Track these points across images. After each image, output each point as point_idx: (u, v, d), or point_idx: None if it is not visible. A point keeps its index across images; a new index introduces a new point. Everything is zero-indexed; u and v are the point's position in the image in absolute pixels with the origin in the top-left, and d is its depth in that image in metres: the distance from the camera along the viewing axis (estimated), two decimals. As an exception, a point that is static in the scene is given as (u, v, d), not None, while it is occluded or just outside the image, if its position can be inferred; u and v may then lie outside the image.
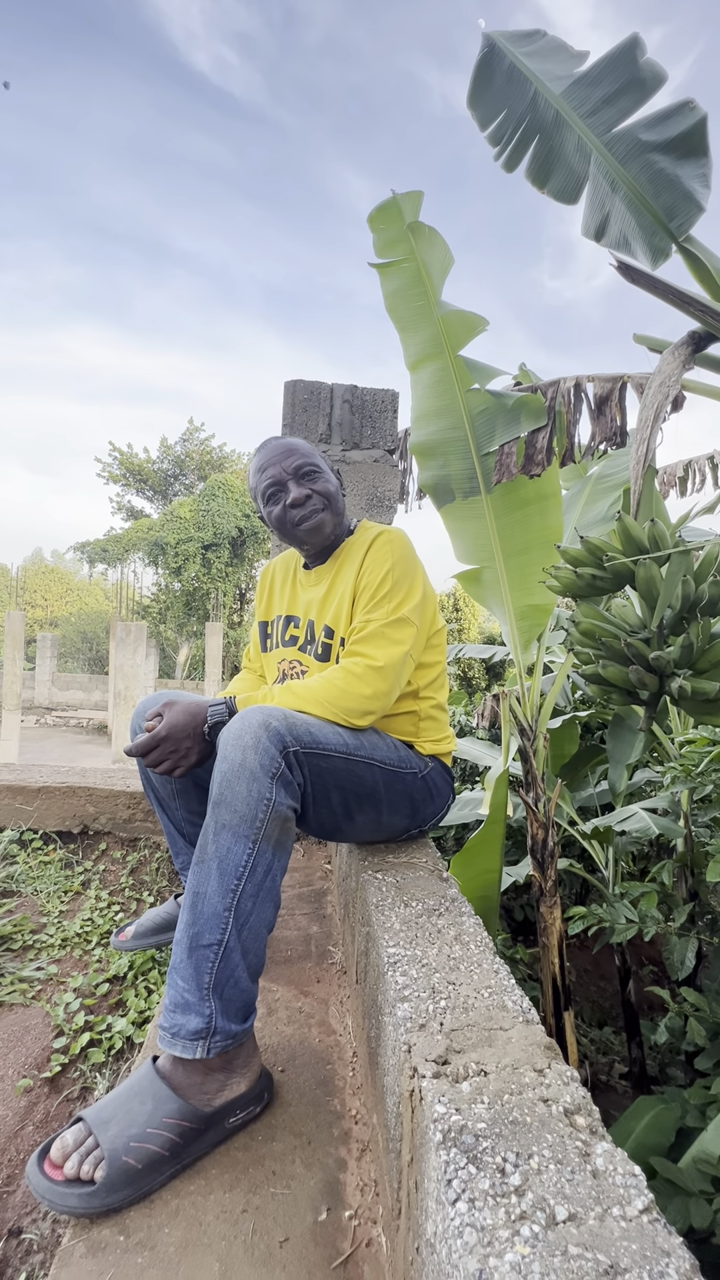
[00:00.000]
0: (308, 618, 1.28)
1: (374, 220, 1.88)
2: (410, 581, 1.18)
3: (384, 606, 1.14)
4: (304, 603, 1.31)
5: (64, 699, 16.69)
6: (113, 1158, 0.72)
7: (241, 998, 0.83)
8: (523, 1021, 0.65)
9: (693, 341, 1.14)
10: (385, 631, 1.12)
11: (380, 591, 1.15)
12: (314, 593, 1.29)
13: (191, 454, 22.87)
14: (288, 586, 1.38)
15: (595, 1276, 0.38)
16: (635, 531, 1.02)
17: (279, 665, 1.31)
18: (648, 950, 2.78)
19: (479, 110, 1.38)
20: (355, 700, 1.06)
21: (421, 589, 1.20)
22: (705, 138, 1.14)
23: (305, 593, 1.32)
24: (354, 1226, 0.70)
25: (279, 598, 1.39)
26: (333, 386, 2.21)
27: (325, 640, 1.22)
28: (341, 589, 1.22)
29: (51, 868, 1.78)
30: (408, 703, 1.22)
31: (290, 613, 1.34)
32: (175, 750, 0.99)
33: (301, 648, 1.27)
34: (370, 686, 1.07)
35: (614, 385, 1.58)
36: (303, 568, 1.36)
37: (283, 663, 1.30)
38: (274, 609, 1.40)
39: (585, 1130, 0.50)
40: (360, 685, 1.06)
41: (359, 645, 1.12)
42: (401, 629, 1.13)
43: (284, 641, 1.32)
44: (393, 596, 1.15)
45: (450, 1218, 0.44)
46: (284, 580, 1.40)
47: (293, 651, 1.29)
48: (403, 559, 1.19)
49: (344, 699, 1.05)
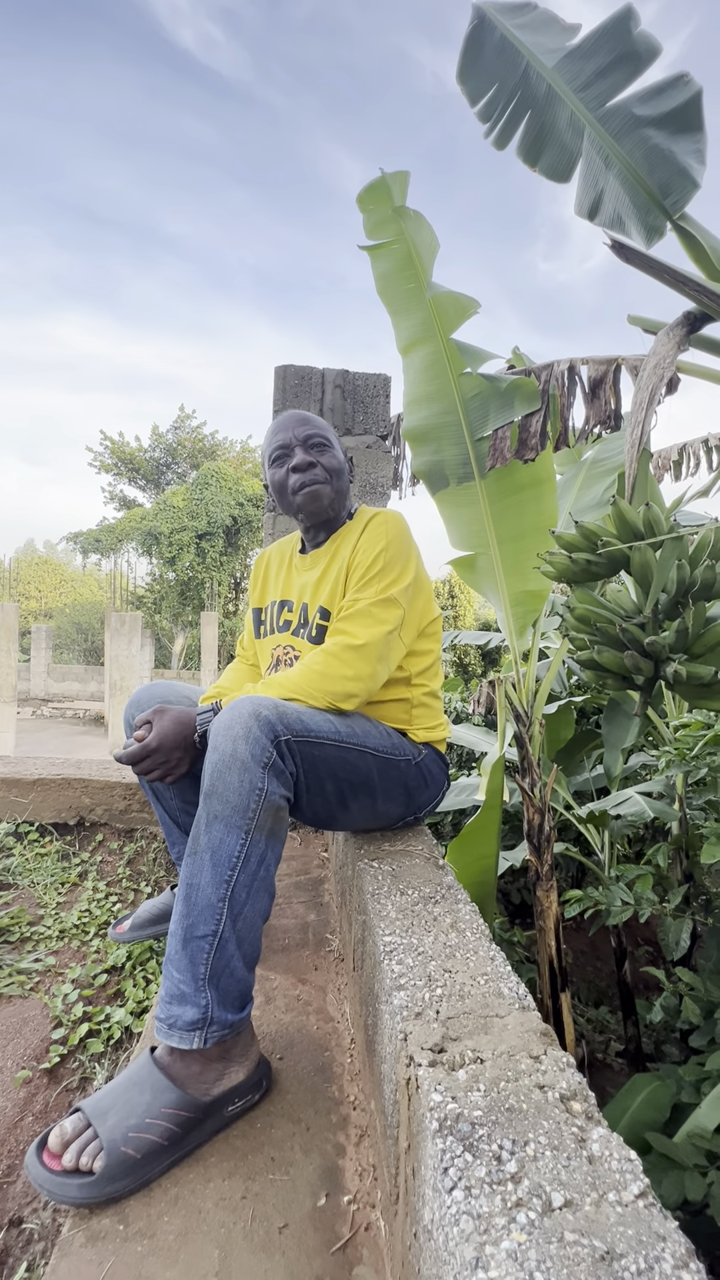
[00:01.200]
0: (302, 601, 1.27)
1: (363, 201, 1.85)
2: (403, 564, 1.17)
3: (373, 586, 1.13)
4: (299, 587, 1.30)
5: (60, 690, 16.65)
6: (111, 1148, 0.72)
7: (238, 988, 0.83)
8: (519, 1008, 0.65)
9: (688, 322, 1.12)
10: (371, 610, 1.11)
11: (371, 571, 1.14)
12: (309, 576, 1.27)
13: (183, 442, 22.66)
14: (283, 572, 1.37)
15: (591, 1262, 0.39)
16: (630, 516, 1.01)
17: (273, 651, 1.30)
18: (643, 931, 2.81)
19: (469, 85, 1.34)
20: (336, 682, 1.04)
21: (414, 572, 1.19)
22: (700, 112, 1.12)
23: (300, 577, 1.31)
24: (353, 1211, 0.71)
25: (273, 583, 1.38)
26: (324, 371, 2.18)
27: (320, 623, 1.20)
28: (336, 570, 1.21)
29: (48, 859, 1.77)
30: (399, 689, 1.21)
31: (285, 597, 1.32)
32: (165, 761, 1.00)
33: (295, 631, 1.26)
34: (351, 667, 1.06)
35: (608, 368, 1.56)
36: (299, 552, 1.35)
37: (277, 648, 1.29)
38: (268, 595, 1.38)
39: (581, 1116, 0.51)
40: (341, 666, 1.05)
41: (342, 623, 1.11)
42: (388, 609, 1.12)
43: (278, 627, 1.30)
44: (383, 576, 1.14)
45: (447, 1205, 0.44)
46: (279, 566, 1.39)
47: (286, 636, 1.27)
48: (396, 540, 1.18)
49: (324, 681, 1.04)
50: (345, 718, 1.06)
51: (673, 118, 1.13)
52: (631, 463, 1.10)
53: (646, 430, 1.11)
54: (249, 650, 1.44)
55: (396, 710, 1.21)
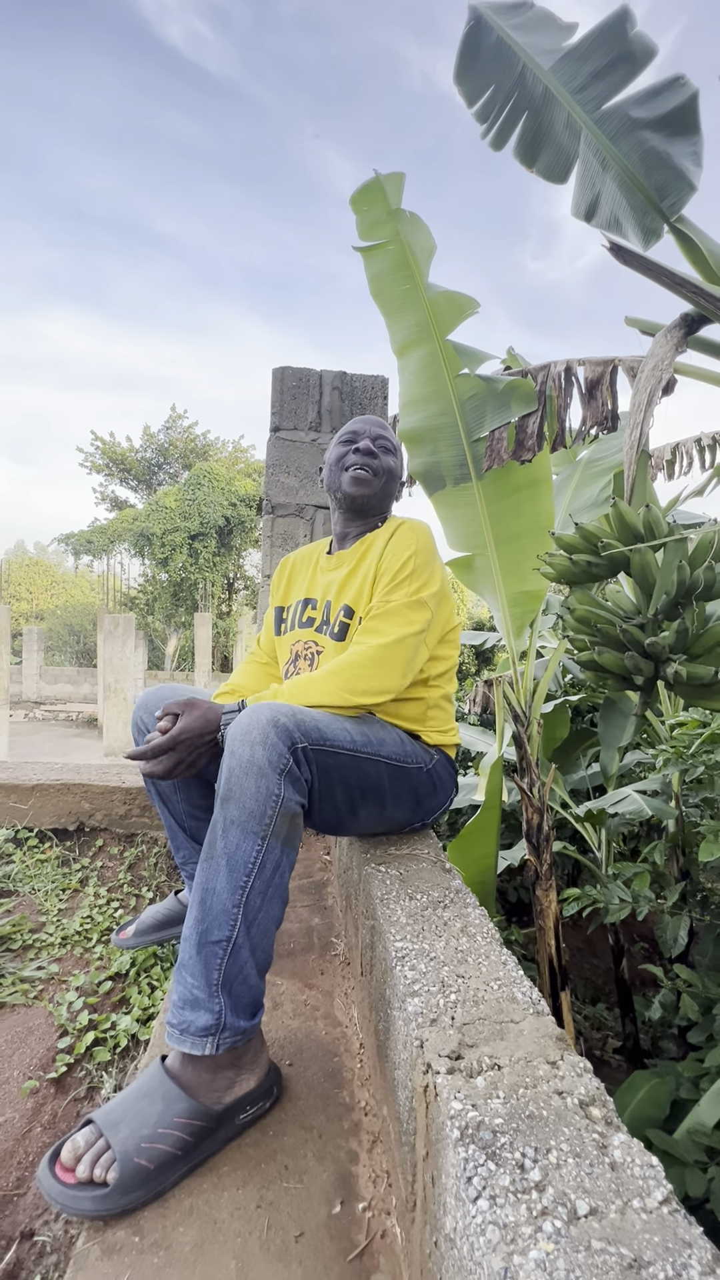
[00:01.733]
0: (326, 598, 1.30)
1: (356, 202, 1.84)
2: (430, 570, 1.20)
3: (403, 589, 1.17)
4: (323, 585, 1.33)
5: (52, 693, 16.54)
6: (124, 1159, 0.72)
7: (250, 994, 0.82)
8: (533, 1013, 0.65)
9: (685, 324, 1.13)
10: (401, 610, 1.14)
11: (401, 575, 1.18)
12: (334, 575, 1.31)
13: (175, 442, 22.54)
14: (308, 572, 1.41)
15: (620, 1271, 0.39)
16: (630, 517, 1.01)
17: (292, 646, 1.32)
18: (640, 929, 2.83)
19: (466, 85, 1.34)
20: (365, 679, 1.07)
21: (441, 579, 1.23)
22: (697, 114, 1.12)
23: (325, 576, 1.35)
24: (368, 1219, 0.71)
25: (298, 583, 1.42)
26: (321, 373, 2.17)
27: (344, 620, 1.23)
28: (364, 571, 1.24)
29: (48, 866, 1.76)
30: (418, 689, 1.23)
31: (309, 595, 1.36)
32: (188, 755, 0.97)
33: (318, 628, 1.29)
34: (380, 665, 1.08)
35: (605, 369, 1.57)
36: (325, 554, 1.39)
37: (297, 644, 1.31)
38: (292, 595, 1.42)
39: (601, 1122, 0.51)
40: (370, 665, 1.08)
41: (373, 622, 1.14)
42: (418, 611, 1.15)
43: (301, 623, 1.33)
44: (413, 580, 1.17)
45: (472, 1215, 0.44)
46: (305, 567, 1.43)
47: (309, 632, 1.30)
48: (425, 548, 1.22)
49: (354, 679, 1.06)
50: (361, 725, 1.06)
51: (669, 120, 1.13)
52: (630, 464, 1.11)
53: (645, 431, 1.11)
54: (263, 651, 1.46)
55: (413, 709, 1.22)
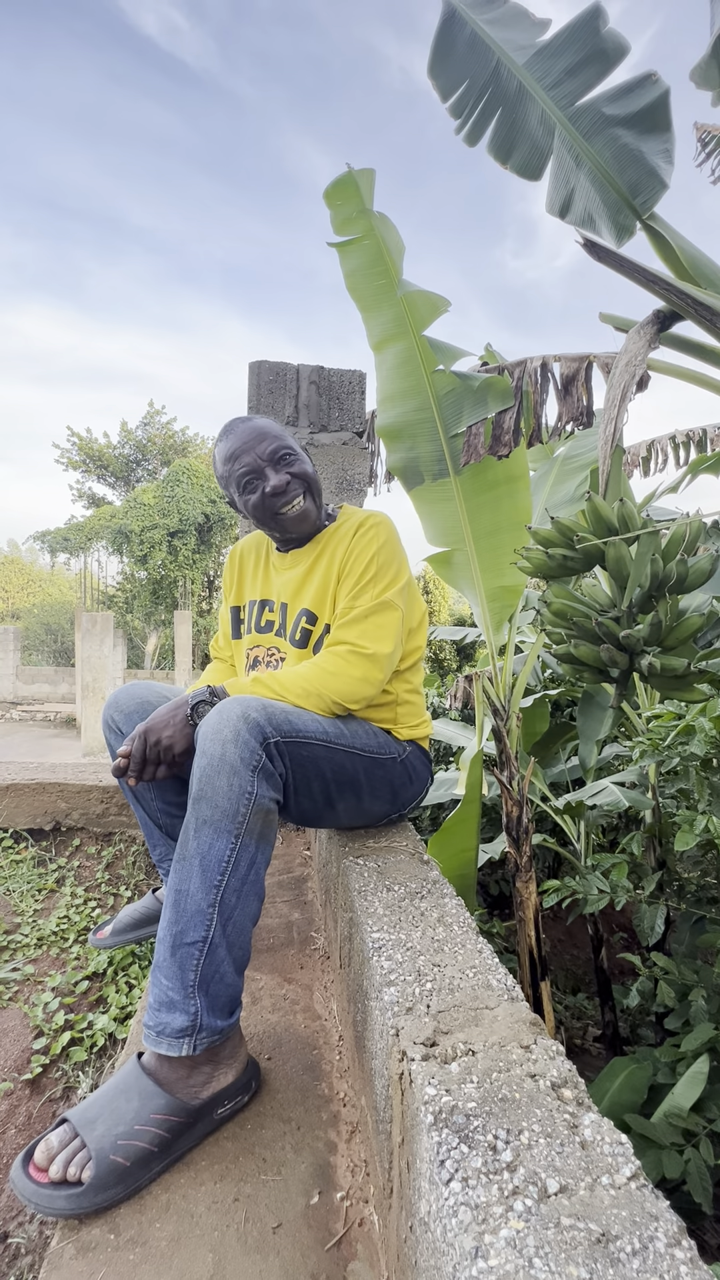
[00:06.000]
0: (282, 601, 1.25)
1: (330, 197, 1.83)
2: (396, 566, 1.17)
3: (369, 591, 1.13)
4: (278, 586, 1.28)
5: (29, 693, 16.25)
6: (100, 1157, 0.71)
7: (227, 993, 0.82)
8: (508, 999, 0.66)
9: (658, 320, 1.15)
10: (371, 617, 1.11)
11: (365, 576, 1.14)
12: (289, 575, 1.25)
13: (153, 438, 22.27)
14: (260, 569, 1.34)
15: (588, 1245, 0.39)
16: (605, 512, 1.02)
17: (250, 651, 1.28)
18: (619, 918, 2.87)
19: (440, 80, 1.34)
20: (347, 683, 1.06)
21: (406, 573, 1.20)
22: (668, 112, 1.13)
23: (279, 575, 1.29)
24: (346, 1208, 0.71)
25: (250, 581, 1.35)
26: (299, 368, 2.16)
27: (306, 626, 1.19)
28: (322, 573, 1.19)
29: (23, 866, 1.74)
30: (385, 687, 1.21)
31: (265, 597, 1.30)
32: (158, 742, 0.95)
33: (278, 633, 1.25)
34: (360, 670, 1.07)
35: (580, 365, 1.58)
36: (275, 550, 1.32)
37: (256, 648, 1.27)
38: (245, 593, 1.35)
39: (572, 1102, 0.52)
40: (350, 669, 1.06)
41: (345, 632, 1.11)
42: (387, 613, 1.13)
43: (259, 627, 1.28)
44: (378, 581, 1.14)
45: (444, 1197, 0.44)
46: (256, 563, 1.35)
47: (269, 637, 1.26)
48: (388, 544, 1.18)
49: (335, 681, 1.05)
50: (333, 718, 1.06)
51: (641, 117, 1.15)
52: (605, 459, 1.12)
53: (619, 427, 1.13)
54: (225, 650, 1.41)
55: (382, 712, 1.21)
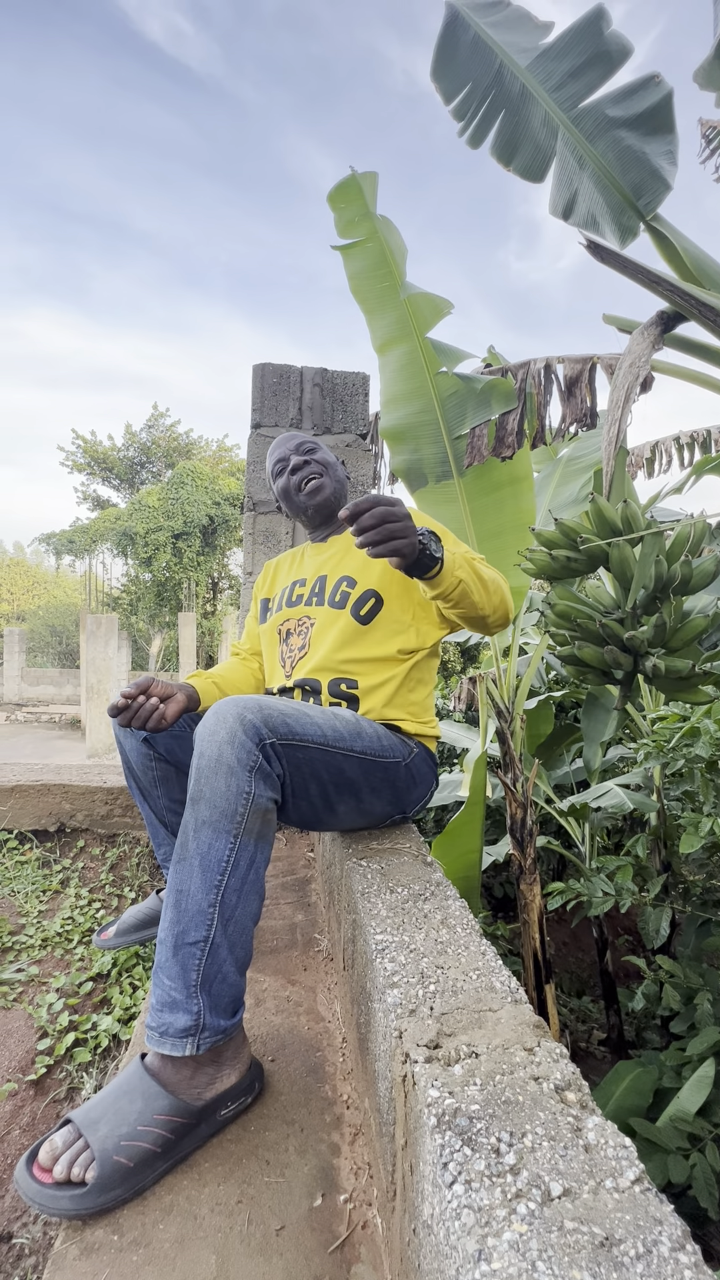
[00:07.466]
0: (318, 575, 1.34)
1: (334, 199, 1.84)
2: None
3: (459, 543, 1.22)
4: (313, 566, 1.38)
5: (34, 694, 16.31)
6: (104, 1157, 0.71)
7: (230, 992, 0.82)
8: (511, 1001, 0.66)
9: (661, 321, 1.14)
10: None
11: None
12: (326, 555, 1.37)
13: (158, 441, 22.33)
14: (296, 564, 1.46)
15: (591, 1249, 0.39)
16: (609, 513, 1.02)
17: (281, 627, 1.35)
18: (623, 921, 2.86)
19: (443, 83, 1.35)
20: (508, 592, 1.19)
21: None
22: (671, 114, 1.14)
23: (313, 559, 1.40)
24: (349, 1210, 0.71)
25: (284, 574, 1.47)
26: (302, 370, 2.17)
27: (346, 589, 1.27)
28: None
29: (28, 867, 1.74)
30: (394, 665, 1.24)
31: (298, 578, 1.40)
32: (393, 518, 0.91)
33: (307, 602, 1.32)
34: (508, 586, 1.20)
35: (584, 366, 1.58)
36: (311, 543, 1.46)
37: (286, 622, 1.34)
38: (279, 584, 1.46)
39: (576, 1105, 0.51)
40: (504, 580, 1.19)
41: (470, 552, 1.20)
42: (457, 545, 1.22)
43: (288, 603, 1.37)
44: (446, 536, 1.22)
45: (447, 1200, 0.44)
46: (291, 563, 1.48)
47: (298, 609, 1.33)
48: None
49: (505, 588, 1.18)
50: (333, 720, 1.05)
51: (645, 119, 1.15)
52: (609, 460, 1.12)
53: (623, 428, 1.12)
54: (245, 644, 1.50)
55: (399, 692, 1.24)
